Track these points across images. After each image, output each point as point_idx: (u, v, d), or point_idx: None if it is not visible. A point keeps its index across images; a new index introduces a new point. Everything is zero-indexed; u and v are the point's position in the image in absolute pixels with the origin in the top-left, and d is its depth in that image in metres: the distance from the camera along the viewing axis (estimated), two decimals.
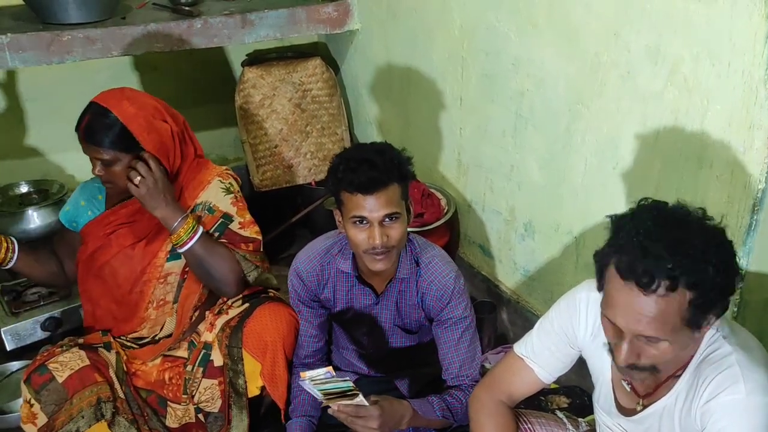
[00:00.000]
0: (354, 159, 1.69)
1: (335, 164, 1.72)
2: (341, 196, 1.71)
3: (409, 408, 1.70)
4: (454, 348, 1.83)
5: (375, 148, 1.73)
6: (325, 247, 1.91)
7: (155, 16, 2.83)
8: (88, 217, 2.06)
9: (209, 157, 3.63)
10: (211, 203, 2.01)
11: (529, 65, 2.23)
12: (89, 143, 1.87)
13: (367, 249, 1.70)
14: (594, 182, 2.08)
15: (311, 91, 3.32)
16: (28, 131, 3.27)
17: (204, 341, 2.00)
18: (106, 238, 2.01)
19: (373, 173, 1.65)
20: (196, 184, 2.03)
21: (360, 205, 1.67)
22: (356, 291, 1.89)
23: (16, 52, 2.54)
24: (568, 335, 1.57)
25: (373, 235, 1.68)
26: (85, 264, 2.05)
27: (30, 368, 1.88)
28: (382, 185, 1.66)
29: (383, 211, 1.67)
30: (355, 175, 1.65)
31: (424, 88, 2.84)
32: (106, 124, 1.86)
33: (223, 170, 2.08)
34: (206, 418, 2.00)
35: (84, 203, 2.09)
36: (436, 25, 2.66)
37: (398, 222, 1.71)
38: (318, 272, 1.89)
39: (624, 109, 1.91)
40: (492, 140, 2.49)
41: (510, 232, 2.53)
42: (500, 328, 2.64)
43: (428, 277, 1.83)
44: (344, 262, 1.86)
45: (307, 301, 1.94)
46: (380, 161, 1.66)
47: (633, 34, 1.83)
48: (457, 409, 1.79)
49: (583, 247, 2.18)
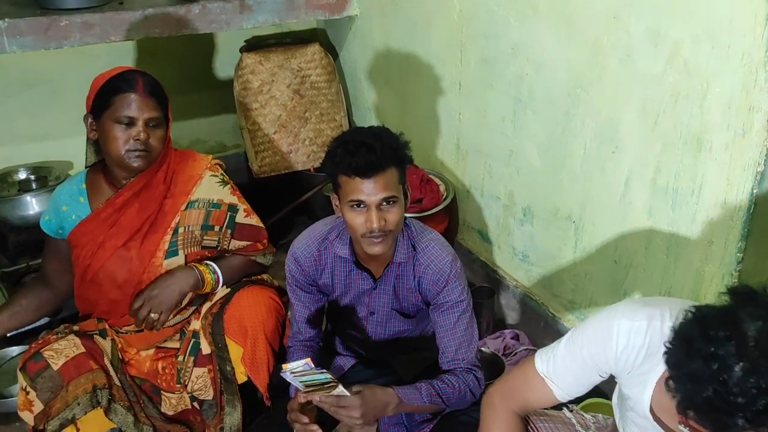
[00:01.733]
0: (352, 142, 1.67)
1: (333, 148, 1.71)
2: (339, 179, 1.70)
3: (394, 396, 1.70)
4: (450, 332, 1.83)
5: (373, 132, 1.71)
6: (322, 233, 1.90)
7: (153, 1, 2.82)
8: (73, 222, 1.98)
9: (208, 144, 3.71)
10: (212, 199, 2.01)
11: (528, 50, 2.23)
12: (150, 96, 1.85)
13: (365, 233, 1.70)
14: (593, 166, 2.08)
15: (310, 77, 3.31)
16: (26, 117, 3.26)
17: (193, 330, 2.00)
18: (97, 242, 1.95)
19: (371, 157, 1.64)
20: (186, 179, 2.00)
21: (357, 188, 1.66)
22: (354, 276, 1.89)
23: (13, 37, 2.53)
24: (598, 364, 1.39)
25: (371, 218, 1.68)
26: (80, 271, 1.99)
27: (26, 356, 1.88)
28: (380, 169, 1.65)
29: (381, 195, 1.66)
30: (353, 158, 1.64)
31: (423, 74, 2.83)
32: (160, 87, 1.90)
33: (211, 162, 2.07)
34: (201, 406, 2.00)
35: (66, 208, 1.99)
36: (435, 10, 2.65)
37: (396, 206, 1.71)
38: (315, 257, 1.89)
39: (623, 93, 1.91)
40: (491, 125, 2.49)
41: (509, 218, 2.53)
42: (498, 313, 2.65)
43: (425, 261, 1.83)
44: (342, 247, 1.86)
45: (305, 286, 1.94)
46: (378, 145, 1.65)
47: (633, 17, 1.83)
48: (448, 394, 1.78)
49: (582, 231, 2.18)
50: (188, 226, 2.00)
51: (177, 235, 1.99)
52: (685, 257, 1.86)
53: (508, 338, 2.49)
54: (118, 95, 1.83)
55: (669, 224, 1.87)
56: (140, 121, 1.84)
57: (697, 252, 1.82)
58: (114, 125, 1.84)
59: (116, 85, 1.85)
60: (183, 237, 1.99)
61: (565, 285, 2.32)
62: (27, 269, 2.79)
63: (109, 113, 1.84)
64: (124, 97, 1.83)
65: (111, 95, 1.84)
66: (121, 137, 1.84)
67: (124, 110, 1.83)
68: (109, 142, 1.86)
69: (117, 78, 1.87)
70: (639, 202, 1.95)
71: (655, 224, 1.91)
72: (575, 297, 2.29)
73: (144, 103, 1.85)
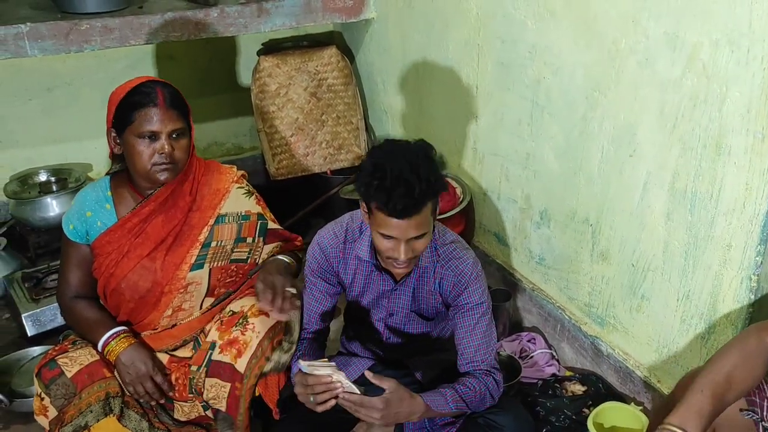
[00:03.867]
0: (390, 176, 1.59)
1: (368, 172, 1.64)
2: (371, 205, 1.67)
3: (422, 405, 1.70)
4: (470, 333, 1.84)
5: (411, 162, 1.61)
6: (350, 227, 1.89)
7: (172, 5, 2.85)
8: (98, 228, 1.94)
9: (225, 146, 3.74)
10: (241, 211, 2.02)
11: (546, 53, 2.23)
12: (172, 108, 1.82)
13: (390, 257, 1.71)
14: (611, 170, 2.08)
15: (327, 80, 3.32)
16: (46, 119, 3.30)
17: (211, 341, 1.93)
18: (122, 251, 1.93)
19: (407, 200, 1.58)
20: (213, 192, 1.99)
21: (390, 225, 1.63)
22: (374, 277, 1.89)
23: (35, 40, 2.56)
24: None
25: (399, 250, 1.67)
26: (103, 280, 1.96)
27: (41, 362, 1.90)
28: (415, 211, 1.61)
29: (413, 233, 1.65)
30: (388, 198, 1.58)
31: (439, 77, 2.84)
32: (180, 96, 1.87)
33: (237, 175, 2.06)
34: (215, 416, 1.98)
35: (90, 214, 1.94)
36: (452, 13, 2.66)
37: (425, 237, 1.70)
38: (342, 249, 1.89)
39: (642, 96, 1.90)
40: (508, 128, 2.49)
41: (525, 221, 2.53)
42: (515, 316, 2.65)
43: (446, 262, 1.84)
44: (363, 248, 1.86)
45: (326, 275, 1.92)
46: (416, 183, 1.58)
47: (651, 20, 1.82)
48: (471, 397, 1.78)
49: (600, 235, 2.18)
50: (221, 241, 1.99)
51: (207, 249, 1.98)
52: (704, 261, 1.85)
53: (525, 341, 2.48)
54: (139, 110, 1.80)
55: (687, 228, 1.87)
56: (163, 134, 1.81)
57: (715, 256, 1.81)
58: (137, 140, 1.81)
59: (136, 100, 1.81)
60: (213, 251, 1.98)
61: (582, 288, 2.32)
62: (47, 270, 2.82)
63: (131, 129, 1.81)
64: (145, 111, 1.80)
65: (132, 110, 1.81)
66: (145, 152, 1.82)
67: (147, 125, 1.80)
68: (134, 157, 1.83)
69: (136, 92, 1.83)
70: (657, 206, 1.94)
71: (674, 228, 1.91)
72: (592, 300, 2.28)
73: (166, 115, 1.81)
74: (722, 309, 1.84)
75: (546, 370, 2.36)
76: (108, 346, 1.89)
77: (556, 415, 2.14)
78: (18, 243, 3.11)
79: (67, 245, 1.99)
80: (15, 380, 2.38)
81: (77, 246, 1.97)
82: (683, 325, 1.96)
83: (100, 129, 3.63)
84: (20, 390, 2.33)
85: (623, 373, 2.19)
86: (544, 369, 2.37)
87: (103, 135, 3.55)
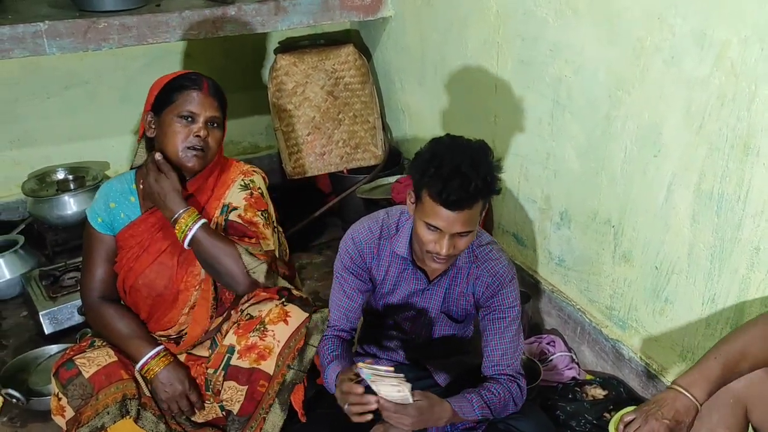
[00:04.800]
0: (447, 166, 1.57)
1: (425, 159, 1.61)
2: (422, 193, 1.63)
3: (450, 410, 1.67)
4: (498, 337, 1.81)
5: (471, 156, 1.60)
6: (386, 223, 1.86)
7: (190, 3, 2.84)
8: (122, 221, 1.95)
9: (241, 145, 3.73)
10: (230, 203, 1.96)
11: (567, 51, 2.19)
12: (214, 97, 1.89)
13: (431, 250, 1.67)
14: (634, 170, 2.03)
15: (344, 79, 3.30)
16: (64, 117, 3.31)
17: (228, 344, 1.90)
18: (143, 246, 1.94)
19: (462, 193, 1.56)
20: (221, 183, 1.99)
21: (439, 215, 1.60)
22: (407, 274, 1.85)
23: (53, 39, 2.56)
24: None
25: (442, 244, 1.64)
26: (122, 275, 1.96)
27: (59, 362, 1.90)
28: (468, 206, 1.59)
29: (459, 228, 1.62)
30: (444, 187, 1.56)
31: (458, 75, 2.81)
32: (222, 90, 1.94)
33: (248, 168, 2.04)
34: (227, 416, 1.94)
35: (114, 205, 1.96)
36: (471, 11, 2.62)
37: (469, 235, 1.67)
38: (376, 244, 1.85)
39: (667, 95, 1.86)
40: (528, 127, 2.46)
41: (545, 221, 2.49)
42: (534, 318, 2.61)
43: (482, 263, 1.81)
44: (400, 244, 1.82)
45: (357, 271, 1.88)
46: (474, 177, 1.56)
47: (678, 17, 1.78)
48: (495, 404, 1.75)
49: (622, 236, 2.14)
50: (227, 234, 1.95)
51: None
52: (730, 264, 1.81)
53: (544, 343, 2.45)
54: (182, 92, 1.86)
55: (713, 230, 1.82)
56: (202, 117, 1.86)
57: (742, 259, 1.77)
58: (175, 120, 1.85)
59: (181, 83, 1.88)
60: None
61: (603, 290, 2.28)
62: (65, 268, 2.82)
63: (171, 108, 1.86)
64: (188, 93, 1.86)
65: (175, 92, 1.87)
66: (181, 132, 1.85)
67: (187, 105, 1.85)
68: (168, 136, 1.86)
69: (182, 76, 1.91)
70: (682, 207, 1.90)
71: (699, 230, 1.87)
72: (614, 303, 2.24)
73: (207, 101, 1.87)
74: (749, 313, 1.79)
75: (566, 374, 2.33)
76: (147, 365, 1.92)
77: (576, 419, 2.10)
78: (35, 241, 3.12)
79: (93, 239, 1.98)
80: (32, 378, 2.38)
81: (104, 239, 1.97)
82: (708, 330, 1.92)
83: (118, 127, 3.64)
84: (37, 388, 2.33)
85: (645, 377, 2.15)
86: (564, 372, 2.33)
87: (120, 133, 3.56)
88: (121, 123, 3.39)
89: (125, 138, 3.43)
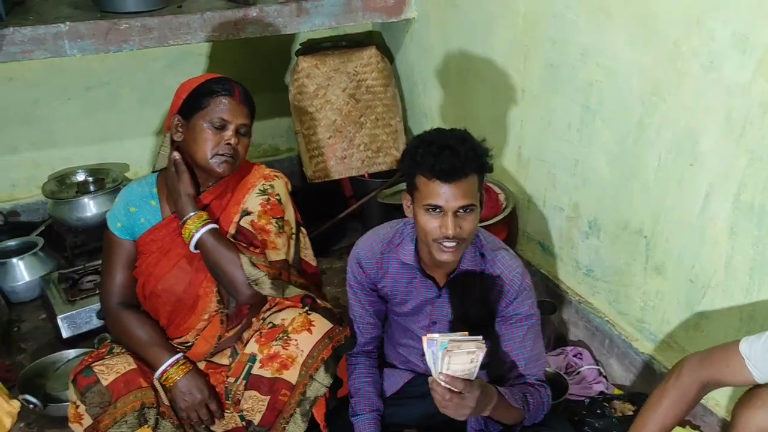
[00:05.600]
0: (435, 143, 1.61)
1: (413, 146, 1.66)
2: (416, 180, 1.64)
3: (496, 394, 1.60)
4: (518, 346, 1.76)
5: (456, 135, 1.65)
6: (387, 236, 1.85)
7: (211, 4, 2.81)
8: (142, 225, 1.93)
9: (261, 147, 3.69)
10: (247, 208, 1.93)
11: (599, 55, 2.12)
12: (244, 104, 1.86)
13: (437, 237, 1.63)
14: (668, 179, 1.96)
15: (366, 81, 3.25)
16: (85, 119, 3.29)
17: (250, 353, 1.88)
18: (164, 250, 1.91)
19: (454, 161, 1.57)
20: (241, 187, 1.95)
21: (436, 192, 1.60)
22: (417, 283, 1.82)
23: (74, 40, 2.54)
24: None
25: (446, 224, 1.60)
26: (142, 280, 1.94)
27: (77, 369, 1.87)
28: (462, 175, 1.59)
29: (460, 202, 1.60)
30: (435, 160, 1.58)
31: (483, 79, 2.74)
32: (252, 98, 1.91)
33: (270, 173, 1.99)
34: (248, 427, 1.91)
35: (134, 209, 1.94)
36: (498, 13, 2.56)
37: (472, 214, 1.64)
38: (378, 260, 1.84)
39: (705, 102, 1.79)
40: (556, 133, 2.39)
41: (573, 230, 2.42)
42: (560, 329, 2.54)
43: (494, 271, 1.76)
44: (406, 252, 1.79)
45: (366, 289, 1.89)
46: (462, 149, 1.59)
47: (718, 21, 1.71)
48: (531, 403, 1.70)
49: (655, 247, 2.06)
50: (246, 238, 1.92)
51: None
52: None
53: (571, 356, 2.38)
54: (213, 97, 1.82)
55: (753, 243, 1.75)
56: (233, 125, 1.83)
57: None
58: (206, 127, 1.82)
59: (213, 88, 1.84)
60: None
61: (633, 303, 2.20)
62: (84, 271, 2.80)
63: (201, 114, 1.82)
64: (220, 99, 1.83)
65: (206, 97, 1.83)
66: (212, 139, 1.82)
67: (219, 112, 1.82)
68: (198, 143, 1.82)
69: (213, 81, 1.86)
70: (720, 219, 1.82)
71: (738, 243, 1.79)
72: (645, 316, 2.17)
73: (239, 108, 1.84)
74: None
75: (593, 388, 2.26)
76: (166, 373, 1.89)
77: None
78: (55, 243, 3.10)
79: (113, 244, 1.96)
80: (50, 384, 2.36)
81: (124, 244, 1.95)
82: None
83: (138, 129, 3.62)
84: (55, 394, 2.30)
85: None
86: (592, 386, 2.26)
87: (140, 135, 3.54)
88: (141, 124, 3.37)
89: (145, 140, 3.41)
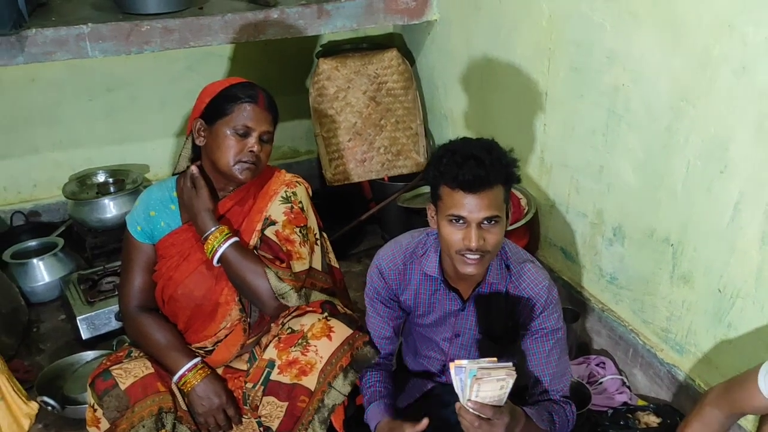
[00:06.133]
0: (459, 153, 1.57)
1: (438, 155, 1.62)
2: (440, 190, 1.60)
3: (524, 416, 1.58)
4: (544, 360, 1.72)
5: (483, 145, 1.61)
6: (410, 246, 1.81)
7: (232, 6, 2.79)
8: (162, 229, 1.92)
9: (281, 149, 3.68)
10: (270, 216, 1.91)
11: (625, 58, 2.07)
12: (268, 111, 1.85)
13: (461, 249, 1.59)
14: (697, 186, 1.91)
15: (386, 84, 3.23)
16: (106, 120, 3.30)
17: (269, 358, 1.85)
18: (184, 255, 1.90)
19: (479, 171, 1.53)
20: (263, 194, 1.93)
21: (460, 203, 1.56)
22: (440, 295, 1.78)
23: (96, 42, 2.54)
24: None
25: (470, 236, 1.56)
26: (161, 284, 1.93)
27: (95, 372, 1.86)
28: (487, 185, 1.55)
29: (484, 213, 1.56)
30: (460, 170, 1.54)
31: (505, 82, 2.71)
32: (275, 104, 1.88)
33: (291, 179, 1.97)
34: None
35: (154, 213, 1.93)
36: (521, 15, 2.52)
37: (497, 226, 1.59)
38: (401, 271, 1.80)
39: (737, 108, 1.74)
40: (580, 138, 2.35)
41: (596, 237, 2.38)
42: (582, 337, 2.50)
43: (520, 283, 1.72)
44: (429, 263, 1.76)
45: (386, 300, 1.85)
46: (488, 159, 1.55)
47: (750, 25, 1.66)
48: (557, 422, 1.68)
49: (682, 256, 2.02)
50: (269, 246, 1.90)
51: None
52: None
53: (593, 365, 2.33)
54: (237, 103, 1.80)
55: None
56: (256, 132, 1.82)
57: None
58: (229, 134, 1.80)
59: (237, 94, 1.82)
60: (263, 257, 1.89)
61: (659, 312, 2.15)
62: (103, 272, 2.80)
63: (225, 120, 1.81)
64: (244, 106, 1.80)
65: (230, 102, 1.81)
66: (235, 146, 1.81)
67: (243, 119, 1.80)
68: (222, 150, 1.81)
69: (237, 86, 1.84)
70: (751, 228, 1.77)
71: None
72: (671, 326, 2.12)
73: (263, 115, 1.83)
74: None
75: (617, 398, 2.21)
76: (184, 377, 1.88)
77: None
78: (75, 244, 3.11)
79: (132, 248, 1.95)
80: (68, 385, 2.35)
81: (143, 248, 1.94)
82: None
83: (158, 130, 3.62)
84: (73, 396, 2.29)
85: None
86: (615, 397, 2.22)
87: (160, 136, 3.54)
88: (161, 126, 3.38)
89: (166, 141, 3.41)
